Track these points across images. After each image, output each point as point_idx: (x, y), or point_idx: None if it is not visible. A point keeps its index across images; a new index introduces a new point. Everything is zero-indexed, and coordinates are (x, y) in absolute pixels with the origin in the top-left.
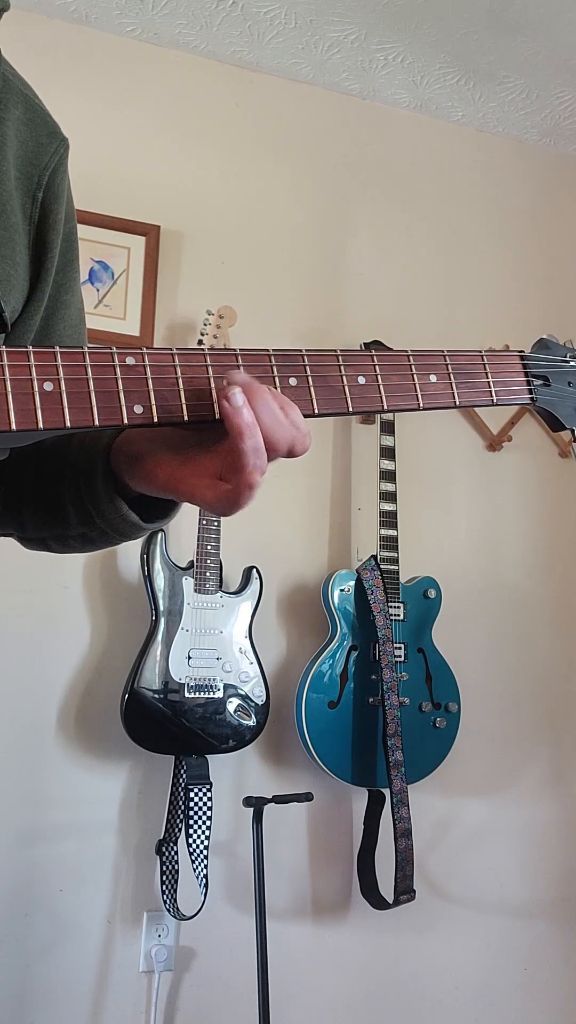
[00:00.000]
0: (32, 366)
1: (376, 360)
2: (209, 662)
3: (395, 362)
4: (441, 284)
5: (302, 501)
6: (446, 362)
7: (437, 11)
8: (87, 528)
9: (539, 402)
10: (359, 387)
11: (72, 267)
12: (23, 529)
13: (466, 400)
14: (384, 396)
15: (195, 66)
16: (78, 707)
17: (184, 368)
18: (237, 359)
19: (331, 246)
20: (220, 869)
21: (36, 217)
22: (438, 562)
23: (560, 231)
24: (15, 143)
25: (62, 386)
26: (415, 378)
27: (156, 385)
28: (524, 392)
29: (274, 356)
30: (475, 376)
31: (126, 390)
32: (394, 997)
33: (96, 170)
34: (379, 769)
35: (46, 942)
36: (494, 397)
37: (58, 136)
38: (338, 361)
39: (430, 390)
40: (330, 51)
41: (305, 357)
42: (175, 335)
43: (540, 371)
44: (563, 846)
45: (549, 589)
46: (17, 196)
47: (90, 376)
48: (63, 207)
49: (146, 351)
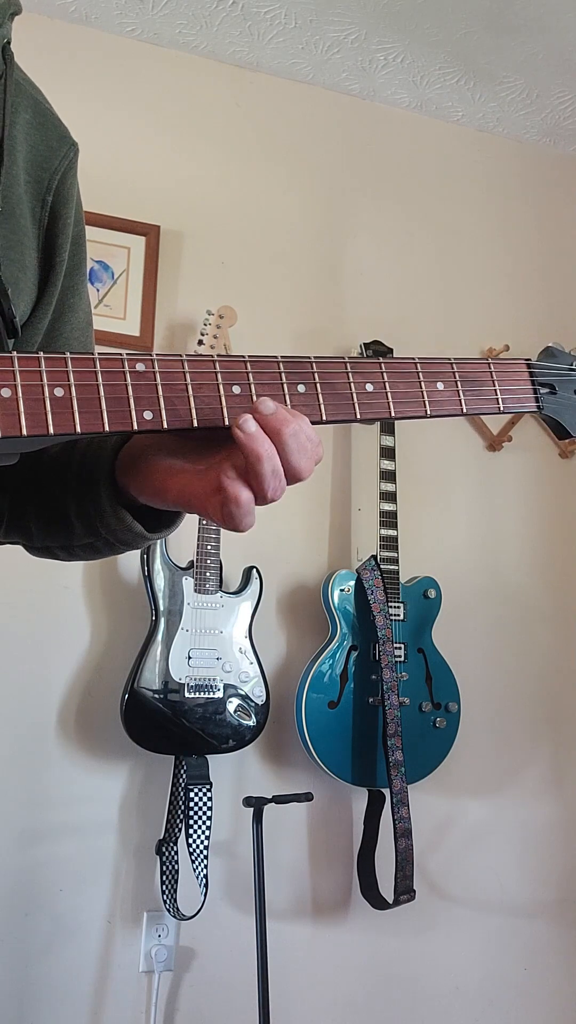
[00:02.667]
0: (43, 372)
1: (384, 368)
2: (209, 662)
3: (402, 370)
4: (441, 284)
5: (302, 501)
6: (453, 370)
7: (437, 11)
8: (92, 538)
9: (545, 410)
10: (367, 394)
11: (80, 270)
12: (30, 538)
13: (473, 408)
14: (392, 404)
15: (195, 66)
16: (78, 707)
17: (194, 375)
18: (246, 366)
19: (331, 246)
20: (220, 869)
21: (45, 221)
22: (438, 562)
23: (560, 231)
24: (25, 147)
25: (72, 392)
26: (422, 386)
27: (165, 391)
28: (531, 400)
29: (283, 363)
30: (482, 384)
31: (136, 396)
32: (394, 997)
33: (96, 170)
34: (379, 769)
35: (46, 942)
36: (501, 405)
37: (68, 140)
38: (346, 368)
39: (437, 398)
40: (330, 51)
41: (314, 364)
42: (175, 335)
43: (546, 379)
44: (563, 846)
45: (549, 589)
46: (27, 200)
47: (100, 382)
48: (72, 211)
49: (156, 357)
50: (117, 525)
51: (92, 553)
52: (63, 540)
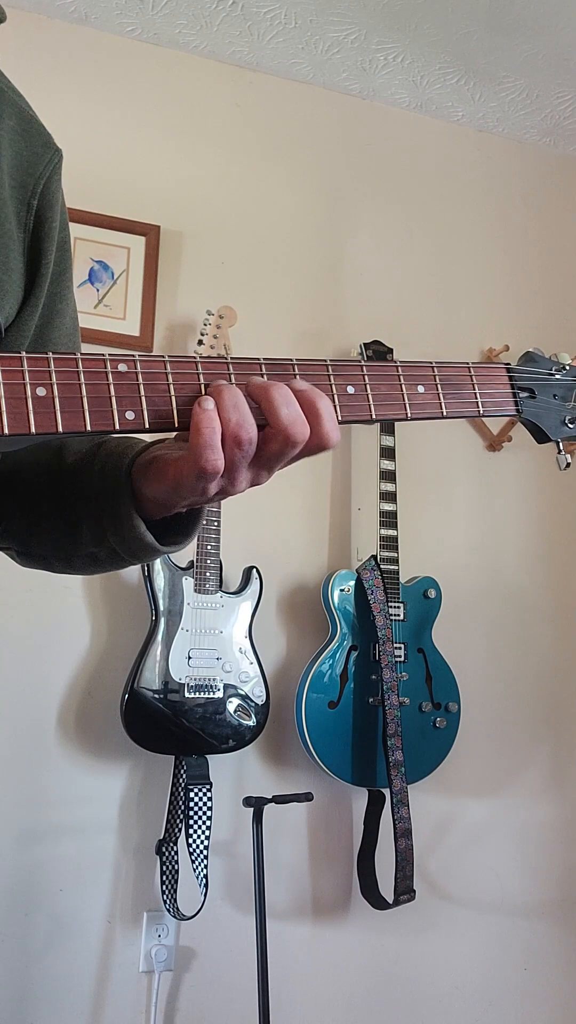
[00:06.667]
0: (26, 371)
1: (365, 370)
2: (209, 662)
3: (384, 372)
4: (441, 284)
5: (302, 501)
6: (434, 373)
7: (437, 11)
8: (97, 548)
9: (524, 414)
10: (348, 396)
11: (66, 276)
12: (27, 544)
13: (453, 411)
14: (373, 406)
15: (195, 66)
16: (78, 707)
17: (176, 375)
18: (228, 367)
19: (331, 246)
20: (220, 869)
21: (31, 225)
22: (438, 562)
23: (560, 231)
24: (9, 153)
25: (55, 391)
26: (403, 388)
27: (148, 391)
28: (510, 404)
29: (265, 365)
30: (462, 387)
31: (118, 396)
32: (394, 997)
33: (96, 170)
34: (379, 769)
35: (46, 942)
36: (480, 408)
37: (52, 147)
38: (328, 371)
39: (418, 401)
40: (330, 51)
41: (295, 366)
42: (175, 335)
43: (526, 383)
44: (563, 846)
45: (549, 589)
46: (11, 204)
47: (83, 382)
48: (57, 215)
49: (138, 357)
50: (129, 534)
51: (91, 565)
52: (67, 549)
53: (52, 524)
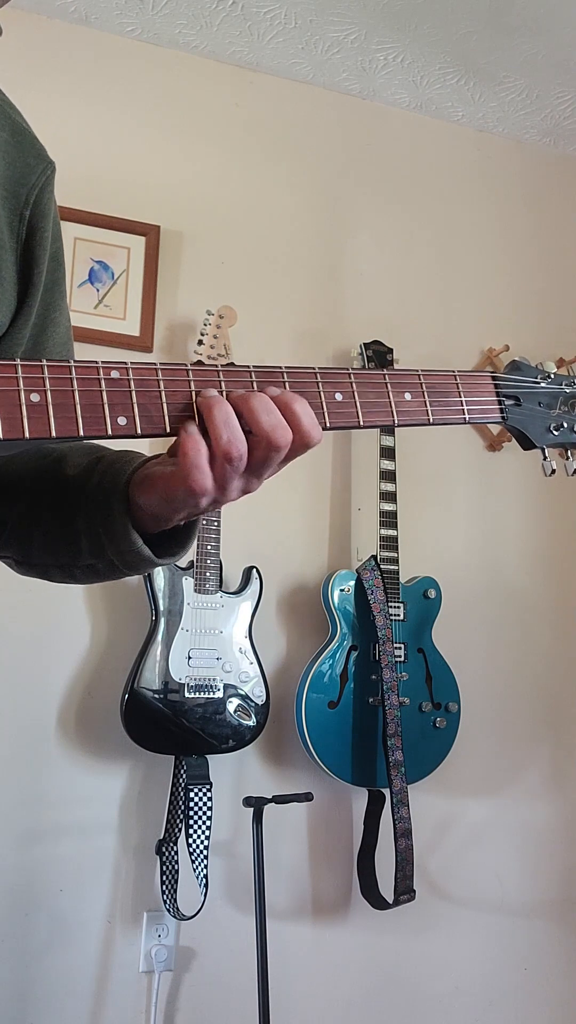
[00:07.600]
0: (20, 378)
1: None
2: (209, 662)
3: (371, 380)
4: (441, 284)
5: (302, 501)
6: (420, 381)
7: (437, 11)
8: (96, 559)
9: (510, 421)
10: (336, 403)
11: (59, 286)
12: (27, 553)
13: (439, 418)
14: (360, 412)
15: (195, 66)
16: (78, 707)
17: (167, 382)
18: (219, 375)
19: (331, 246)
20: (220, 869)
21: (23, 235)
22: (438, 562)
23: (560, 231)
24: (2, 164)
25: (48, 397)
26: (391, 396)
27: (140, 398)
28: (495, 411)
29: (255, 372)
30: (448, 395)
31: (110, 402)
32: (394, 997)
33: (96, 170)
34: (379, 769)
35: (46, 942)
36: (466, 416)
37: (44, 158)
38: (316, 378)
39: (405, 408)
40: (330, 51)
41: (285, 373)
42: (175, 335)
43: (511, 391)
44: (563, 846)
45: (549, 589)
46: (4, 214)
47: (75, 388)
48: (50, 226)
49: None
50: (126, 547)
51: (91, 575)
52: (66, 558)
53: (52, 535)
